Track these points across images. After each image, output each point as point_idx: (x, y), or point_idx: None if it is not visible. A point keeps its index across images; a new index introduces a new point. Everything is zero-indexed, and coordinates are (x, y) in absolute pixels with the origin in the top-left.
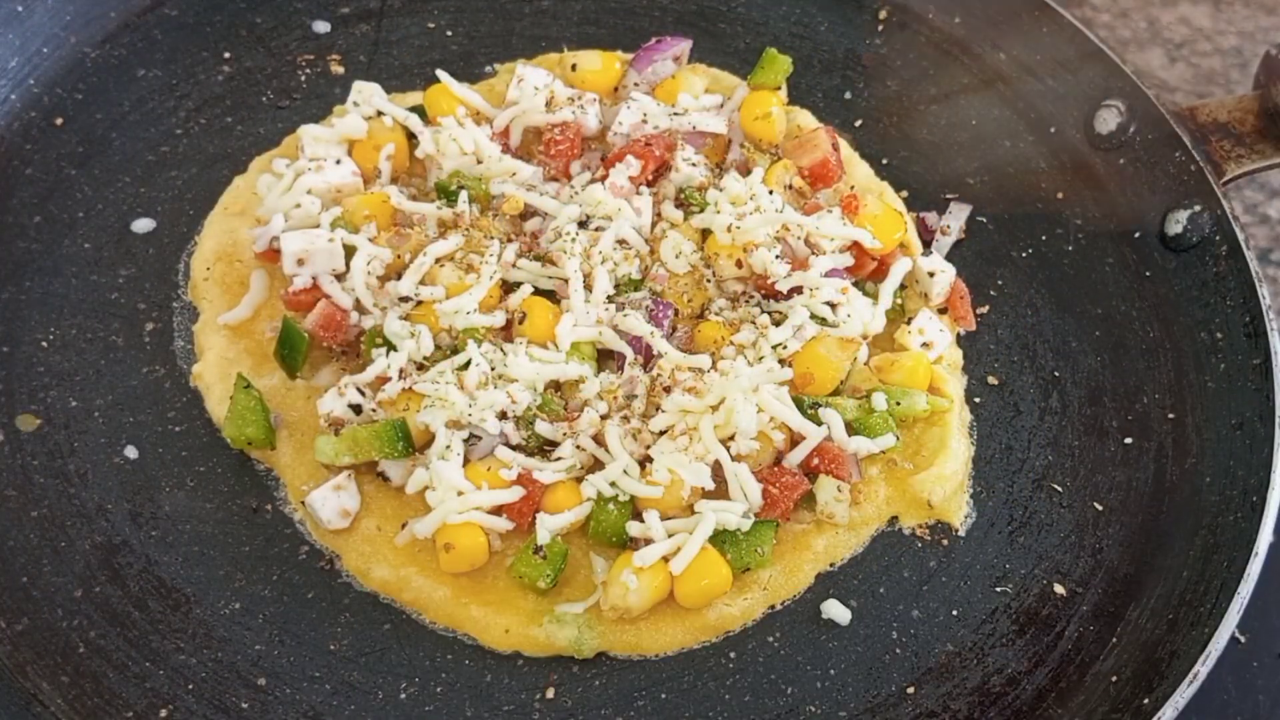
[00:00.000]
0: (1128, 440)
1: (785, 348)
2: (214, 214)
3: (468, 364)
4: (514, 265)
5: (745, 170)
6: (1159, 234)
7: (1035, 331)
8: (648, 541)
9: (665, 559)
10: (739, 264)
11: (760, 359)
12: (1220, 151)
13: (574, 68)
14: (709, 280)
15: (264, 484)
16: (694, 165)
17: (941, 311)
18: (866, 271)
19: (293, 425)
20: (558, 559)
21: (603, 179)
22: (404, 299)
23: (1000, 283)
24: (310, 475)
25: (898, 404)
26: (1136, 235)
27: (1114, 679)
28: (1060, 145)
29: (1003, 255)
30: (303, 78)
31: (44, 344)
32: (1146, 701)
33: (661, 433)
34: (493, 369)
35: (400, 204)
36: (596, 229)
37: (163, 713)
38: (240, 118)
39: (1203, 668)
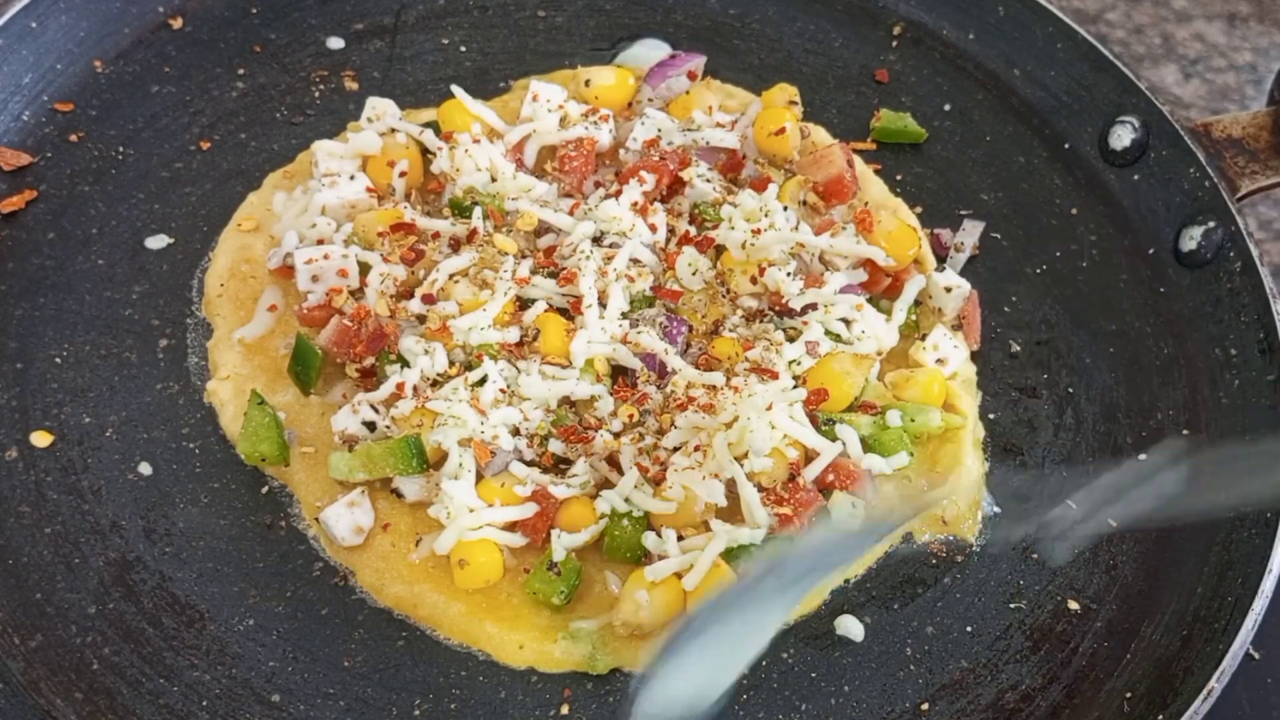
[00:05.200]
0: (1142, 456)
1: (799, 364)
2: (228, 230)
3: (482, 380)
4: (528, 282)
5: (760, 186)
6: (1173, 250)
7: (1049, 347)
8: (661, 557)
9: (678, 575)
10: (754, 280)
11: (775, 376)
12: (1234, 168)
13: (588, 83)
14: (723, 296)
15: (278, 500)
16: (708, 181)
17: (956, 328)
18: (881, 288)
19: (306, 442)
20: (572, 575)
21: (616, 195)
22: (419, 316)
23: (1014, 299)
24: (324, 492)
25: (912, 420)
26: (1151, 251)
27: (1128, 695)
28: (1074, 161)
29: (1017, 272)
30: (316, 94)
31: (58, 360)
32: (1161, 718)
33: (675, 449)
34: (507, 386)
35: (414, 220)
36: (611, 245)
37: None
38: (254, 134)
39: (1217, 684)
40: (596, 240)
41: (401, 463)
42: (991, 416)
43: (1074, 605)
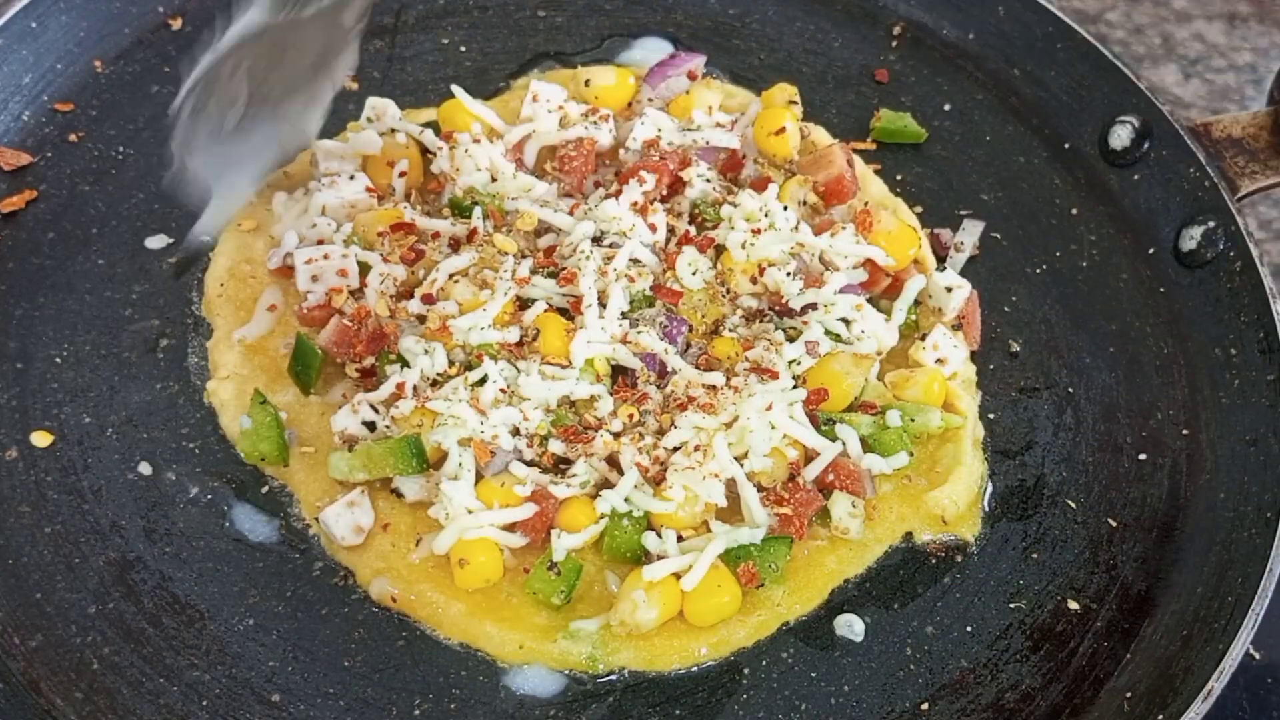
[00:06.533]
0: (1142, 456)
1: (799, 364)
2: (228, 230)
3: (482, 380)
4: (528, 282)
5: (760, 186)
6: (1173, 250)
7: (1049, 347)
8: (661, 557)
9: (677, 576)
10: (754, 280)
11: (775, 376)
12: (1234, 167)
13: (588, 83)
14: (723, 296)
15: (278, 500)
16: (708, 181)
17: (956, 328)
18: (881, 288)
19: (306, 442)
20: (572, 575)
21: (616, 195)
22: (419, 316)
23: (1014, 299)
24: (324, 492)
25: (912, 420)
26: (1151, 251)
27: (1128, 695)
28: (1074, 161)
29: (1017, 272)
30: None
31: (58, 360)
32: (1161, 718)
33: (675, 449)
34: (507, 386)
35: (414, 220)
36: (611, 245)
37: None
38: None
39: (1217, 684)
40: (596, 240)
41: (401, 463)
42: (991, 416)
43: (1074, 605)
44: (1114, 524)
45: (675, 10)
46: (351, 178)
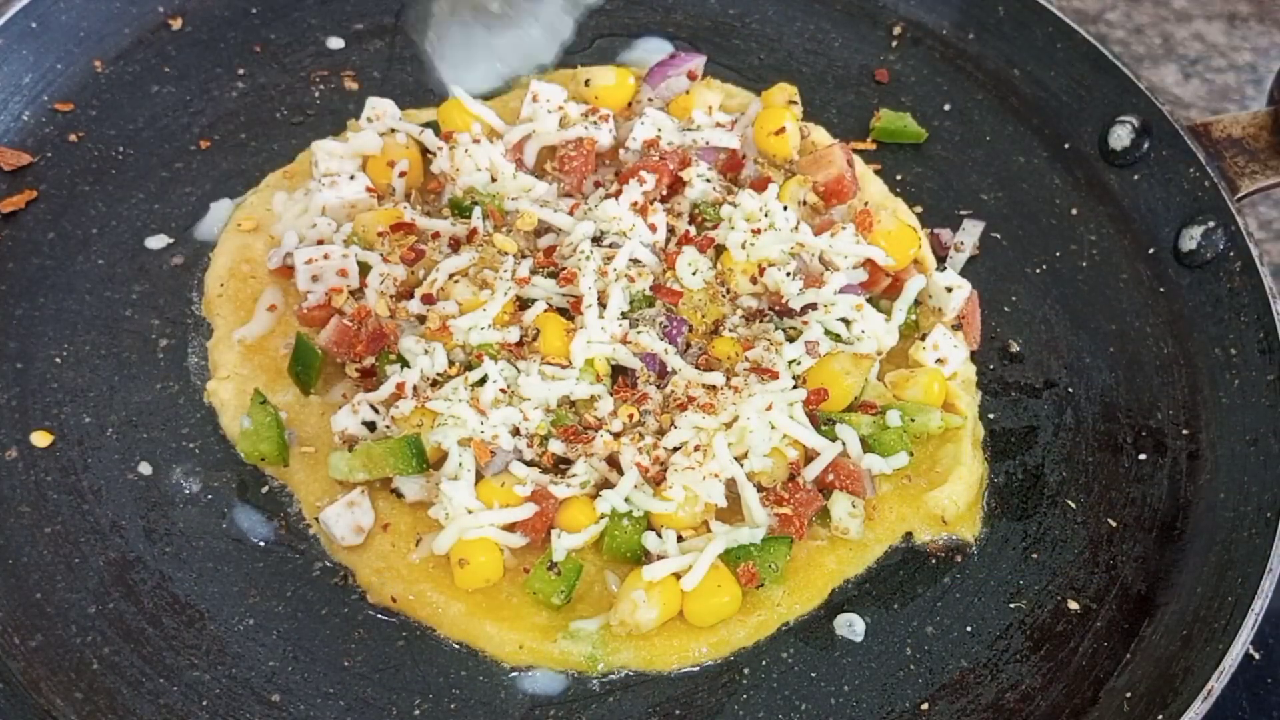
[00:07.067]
0: (1142, 456)
1: (799, 364)
2: (227, 230)
3: (482, 380)
4: (528, 282)
5: (760, 186)
6: (1173, 250)
7: (1049, 348)
8: (661, 558)
9: (677, 576)
10: (754, 280)
11: (775, 376)
12: (1234, 167)
13: (587, 83)
14: (723, 296)
15: (278, 500)
16: (708, 181)
17: (956, 328)
18: (881, 288)
19: (306, 442)
20: (572, 575)
21: (616, 195)
22: (419, 316)
23: (1014, 299)
24: (324, 492)
25: (912, 420)
26: (1151, 251)
27: (1128, 695)
28: (1074, 161)
29: (1016, 272)
30: (316, 94)
31: (58, 360)
32: (1161, 718)
33: (675, 449)
34: (507, 386)
35: (414, 220)
36: (611, 245)
37: None
38: (254, 134)
39: (1217, 684)
40: (596, 240)
41: (401, 463)
42: (991, 416)
43: (1074, 605)
44: (1114, 524)
45: (675, 10)
46: (352, 178)
